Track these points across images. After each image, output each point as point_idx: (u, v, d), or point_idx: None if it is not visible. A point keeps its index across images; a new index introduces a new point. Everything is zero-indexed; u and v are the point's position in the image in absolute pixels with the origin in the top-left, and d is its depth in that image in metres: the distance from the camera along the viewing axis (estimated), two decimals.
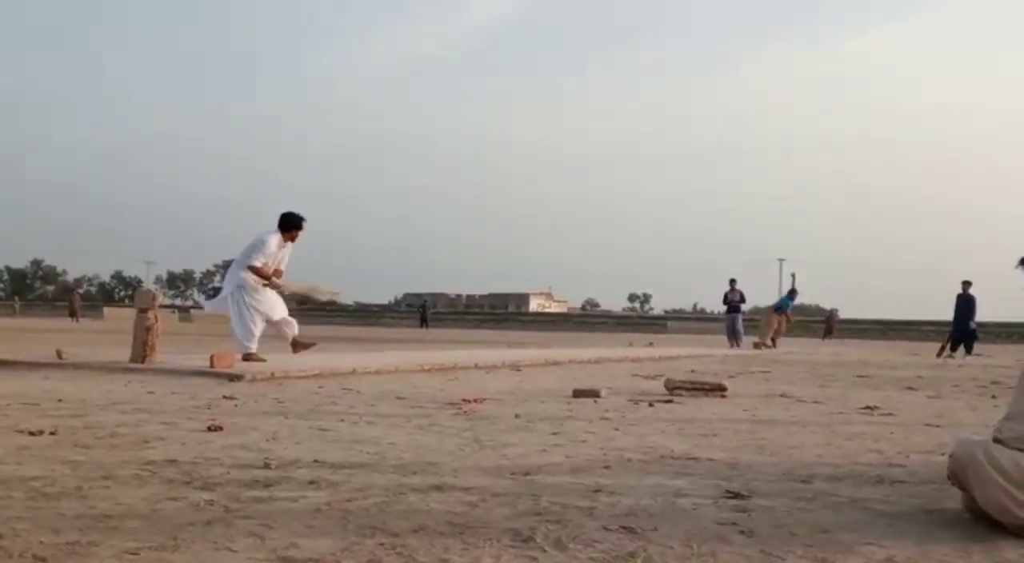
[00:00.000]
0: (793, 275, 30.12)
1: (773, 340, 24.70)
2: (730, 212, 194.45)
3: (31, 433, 4.30)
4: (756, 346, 23.36)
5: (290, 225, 9.87)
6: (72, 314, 48.91)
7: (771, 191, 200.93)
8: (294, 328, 10.11)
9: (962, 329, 21.27)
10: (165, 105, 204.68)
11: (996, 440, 2.83)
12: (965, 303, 21.37)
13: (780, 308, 25.62)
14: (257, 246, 9.71)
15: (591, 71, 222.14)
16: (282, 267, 9.98)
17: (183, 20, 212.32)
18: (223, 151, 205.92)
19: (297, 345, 10.08)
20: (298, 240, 9.99)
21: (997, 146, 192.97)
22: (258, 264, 9.68)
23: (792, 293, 26.13)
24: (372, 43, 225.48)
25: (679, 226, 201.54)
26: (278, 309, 9.95)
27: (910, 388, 9.57)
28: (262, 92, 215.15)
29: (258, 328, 9.72)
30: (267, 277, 9.74)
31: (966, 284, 21.54)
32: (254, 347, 9.60)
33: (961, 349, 20.95)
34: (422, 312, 60.25)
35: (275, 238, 9.76)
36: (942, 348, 21.17)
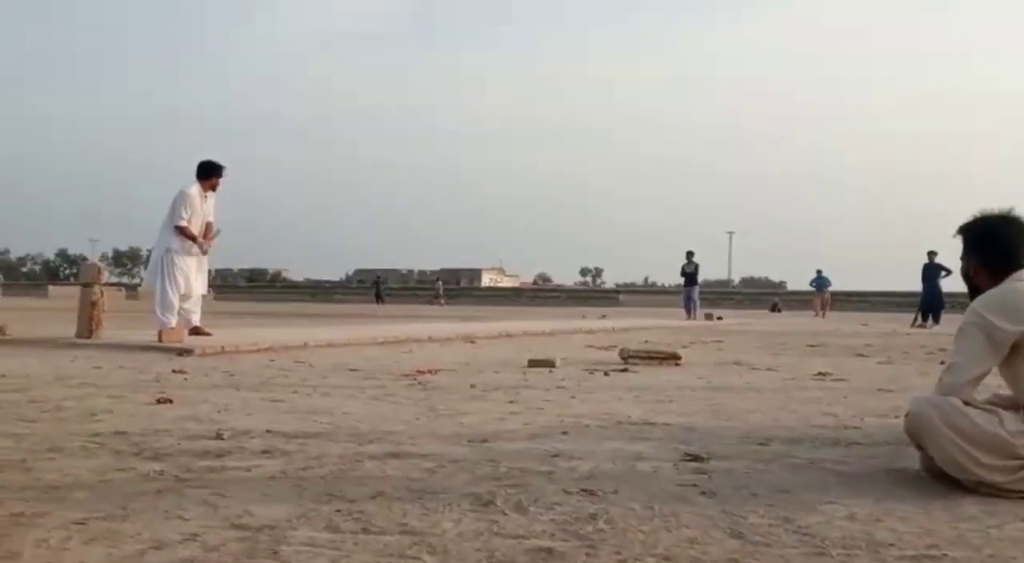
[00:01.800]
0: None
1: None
2: (680, 185, 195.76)
3: None
4: (707, 317, 23.58)
5: (209, 172, 9.44)
6: None
7: (721, 163, 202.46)
8: (197, 316, 9.58)
9: (929, 297, 21.50)
10: (109, 79, 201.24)
11: (942, 392, 2.85)
12: (930, 271, 21.57)
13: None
14: (179, 202, 9.25)
15: (541, 44, 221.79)
16: (210, 218, 9.56)
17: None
18: (168, 127, 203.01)
19: (194, 333, 9.36)
20: (219, 189, 9.56)
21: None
22: (183, 222, 9.23)
23: (819, 272, 27.62)
24: (304, 14, 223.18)
25: (629, 199, 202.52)
26: (196, 288, 9.54)
27: (860, 355, 9.68)
28: (215, 70, 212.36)
29: (176, 300, 9.20)
30: (194, 238, 9.31)
31: (931, 254, 21.76)
32: (172, 322, 9.05)
33: (931, 318, 21.17)
34: (376, 288, 59.66)
35: (195, 188, 9.33)
36: (915, 319, 21.45)
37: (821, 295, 33.93)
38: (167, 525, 2.20)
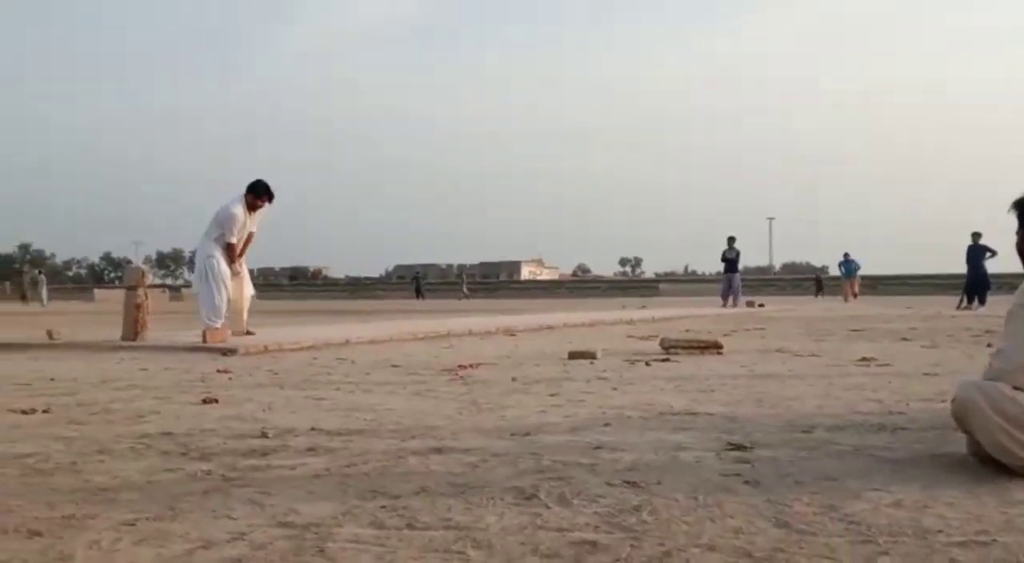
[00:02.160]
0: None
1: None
2: (719, 173, 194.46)
3: (23, 412, 4.25)
4: (748, 304, 23.37)
5: (259, 194, 9.54)
6: (23, 297, 46.54)
7: (760, 152, 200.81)
8: (244, 323, 9.73)
9: (974, 279, 21.22)
10: (150, 87, 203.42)
11: (989, 377, 2.81)
12: (975, 253, 21.30)
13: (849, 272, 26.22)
14: (228, 221, 9.36)
15: (587, 44, 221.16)
16: (253, 229, 9.70)
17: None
18: (210, 129, 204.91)
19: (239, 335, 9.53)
20: (261, 212, 9.67)
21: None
22: (234, 241, 9.40)
23: (846, 255, 26.63)
24: (336, 16, 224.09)
25: (667, 189, 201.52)
26: (245, 291, 9.73)
27: (905, 339, 9.58)
28: (247, 72, 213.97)
29: (223, 304, 9.28)
30: (233, 260, 9.44)
31: (976, 235, 21.49)
32: (218, 323, 9.14)
33: (976, 300, 20.89)
34: (416, 283, 59.92)
35: (240, 207, 9.43)
36: (960, 301, 21.18)
37: (850, 280, 33.66)
38: (215, 524, 2.23)
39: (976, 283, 21.16)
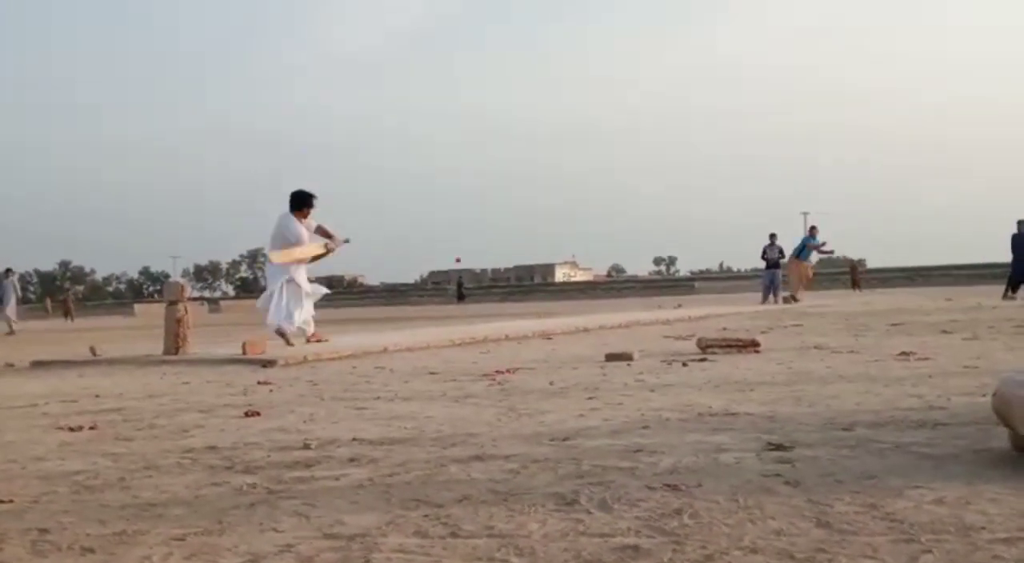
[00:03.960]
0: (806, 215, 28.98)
1: (793, 295, 23.51)
2: (750, 168, 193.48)
3: (71, 429, 4.33)
4: (785, 301, 23.07)
5: (302, 203, 9.71)
6: (67, 314, 47.28)
7: (788, 145, 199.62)
8: (311, 326, 9.98)
9: (1018, 269, 20.83)
10: (176, 103, 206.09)
11: None
12: (1020, 241, 20.89)
13: (800, 253, 24.25)
14: (286, 235, 9.57)
15: (613, 39, 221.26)
16: (326, 227, 9.99)
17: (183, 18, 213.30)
18: (239, 143, 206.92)
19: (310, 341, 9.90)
20: (311, 216, 9.83)
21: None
22: (303, 248, 9.67)
23: (812, 230, 24.73)
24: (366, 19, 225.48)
25: (699, 187, 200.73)
26: (309, 303, 9.94)
27: (945, 332, 9.48)
28: (261, 85, 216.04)
29: (298, 312, 9.54)
30: (303, 254, 9.71)
31: (1021, 223, 21.01)
32: (291, 328, 9.40)
33: (1021, 290, 20.54)
34: (458, 289, 60.01)
35: (294, 220, 9.62)
36: (1005, 292, 20.85)
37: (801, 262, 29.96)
38: (262, 537, 2.27)
39: (1021, 272, 20.74)
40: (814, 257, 25.82)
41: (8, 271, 23.72)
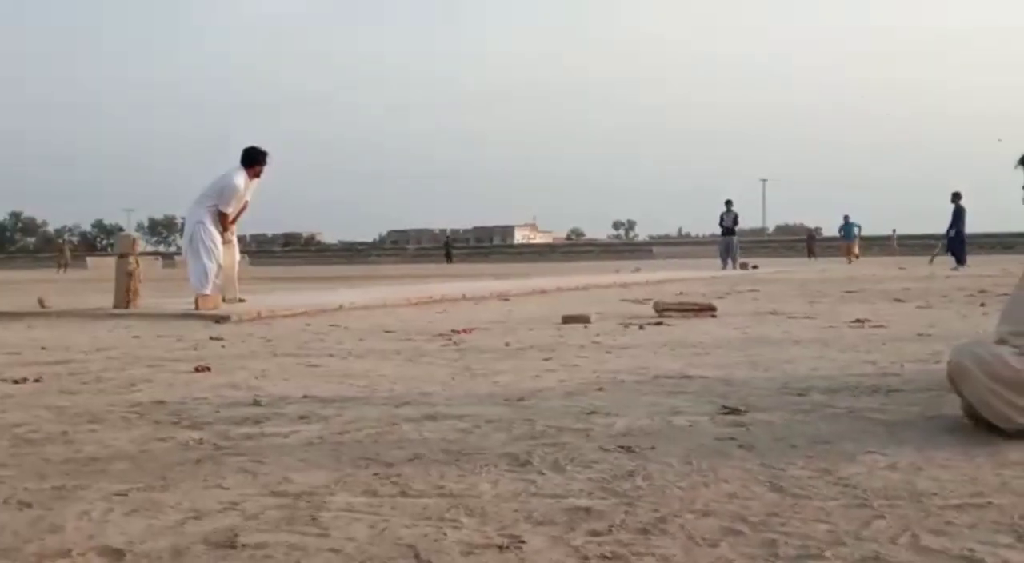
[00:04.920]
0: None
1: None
2: (710, 134, 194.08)
3: (15, 381, 4.22)
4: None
5: (254, 160, 9.50)
6: (63, 265, 46.69)
7: (751, 111, 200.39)
8: (236, 289, 9.70)
9: (950, 239, 21.56)
10: (127, 54, 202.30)
11: (999, 341, 2.80)
12: (954, 214, 21.56)
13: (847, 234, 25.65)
14: (228, 190, 9.33)
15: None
16: (248, 198, 9.67)
17: None
18: (200, 95, 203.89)
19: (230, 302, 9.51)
20: (262, 176, 9.66)
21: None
22: (230, 210, 9.38)
23: (846, 218, 26.13)
24: None
25: (657, 150, 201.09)
26: (234, 258, 9.71)
27: (899, 300, 9.58)
28: (235, 35, 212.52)
29: (213, 271, 9.24)
30: (227, 228, 9.46)
31: (955, 195, 21.69)
32: (208, 289, 9.08)
33: (952, 260, 21.12)
34: (446, 248, 58.15)
35: (242, 177, 9.40)
36: (932, 256, 21.44)
37: (850, 242, 34.06)
38: (207, 494, 2.22)
39: (951, 241, 21.50)
40: None
41: None
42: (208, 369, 4.56)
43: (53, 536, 1.92)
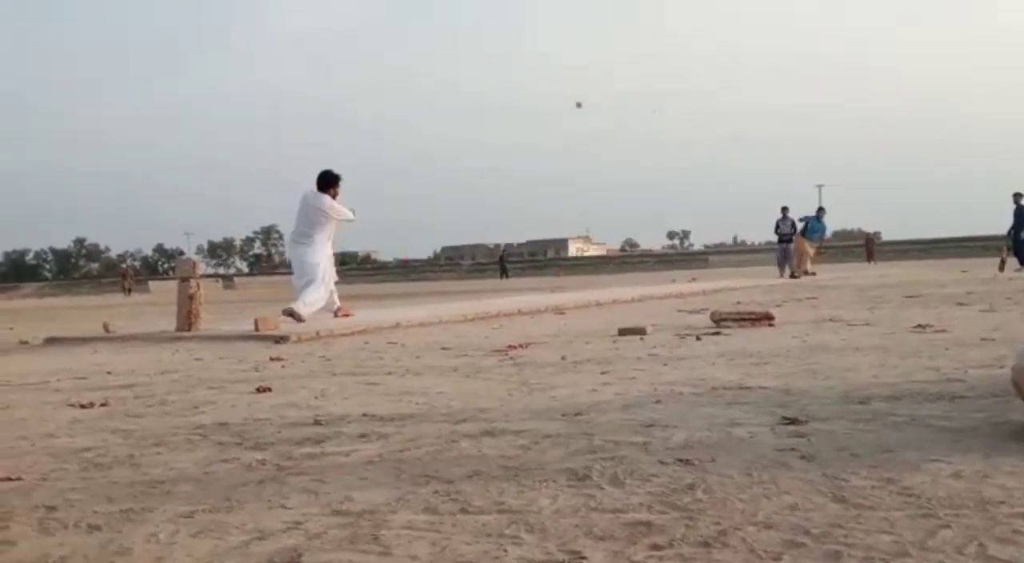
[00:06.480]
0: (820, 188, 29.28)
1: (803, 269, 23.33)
2: (764, 141, 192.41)
3: (82, 406, 4.32)
4: (792, 276, 22.87)
5: (329, 183, 9.89)
6: (127, 290, 47.87)
7: (802, 117, 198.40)
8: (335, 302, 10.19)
9: (1016, 240, 20.92)
10: (174, 80, 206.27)
11: None
12: (1016, 215, 20.98)
13: (806, 232, 24.05)
14: (329, 209, 9.75)
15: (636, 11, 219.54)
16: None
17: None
18: (247, 120, 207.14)
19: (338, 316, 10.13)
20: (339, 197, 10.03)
21: None
22: (350, 215, 9.97)
23: (820, 211, 24.62)
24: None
25: (711, 158, 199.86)
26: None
27: (961, 304, 9.41)
28: (277, 61, 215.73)
29: (322, 301, 9.70)
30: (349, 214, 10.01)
31: (1017, 196, 21.09)
32: (306, 313, 9.35)
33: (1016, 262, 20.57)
34: (501, 263, 57.73)
35: (326, 197, 9.80)
36: (1002, 262, 20.81)
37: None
38: (270, 514, 2.25)
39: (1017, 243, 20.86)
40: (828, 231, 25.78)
41: None
42: (269, 390, 4.62)
43: (122, 558, 1.96)
